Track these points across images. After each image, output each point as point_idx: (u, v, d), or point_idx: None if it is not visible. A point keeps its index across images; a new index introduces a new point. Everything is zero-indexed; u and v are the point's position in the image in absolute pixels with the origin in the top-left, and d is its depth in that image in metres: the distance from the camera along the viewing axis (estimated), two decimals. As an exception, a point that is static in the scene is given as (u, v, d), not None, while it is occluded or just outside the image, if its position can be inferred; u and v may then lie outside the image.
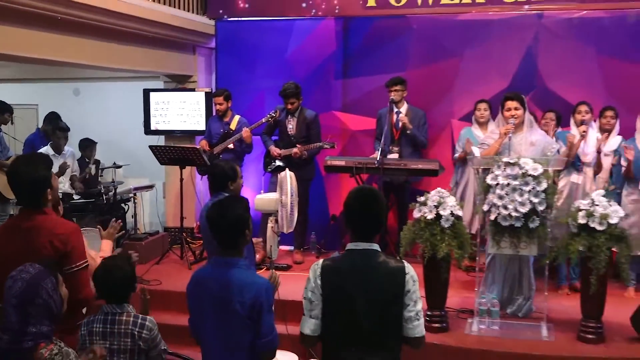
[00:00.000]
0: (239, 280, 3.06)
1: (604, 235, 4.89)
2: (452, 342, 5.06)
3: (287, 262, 7.14)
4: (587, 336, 5.03)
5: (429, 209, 5.18)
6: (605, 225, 4.89)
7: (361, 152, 7.59)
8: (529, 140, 5.50)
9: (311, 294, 2.96)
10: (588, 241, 4.91)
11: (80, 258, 3.38)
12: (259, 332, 3.05)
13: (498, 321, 5.27)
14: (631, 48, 7.23)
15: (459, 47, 7.63)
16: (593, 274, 4.89)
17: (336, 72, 7.98)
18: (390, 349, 2.95)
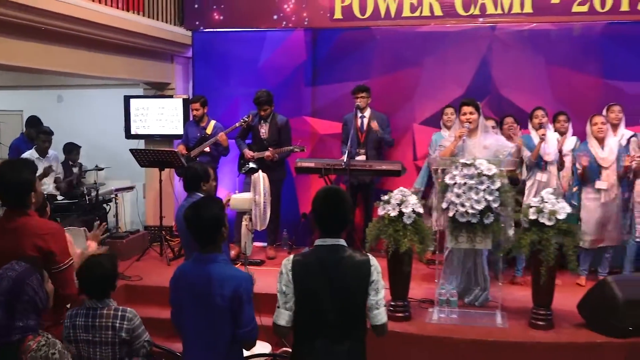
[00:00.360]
0: (219, 275, 3.05)
1: (553, 230, 4.94)
2: (414, 330, 5.05)
3: (261, 257, 7.10)
4: (538, 323, 5.06)
5: (392, 207, 5.18)
6: (554, 220, 4.93)
7: (329, 155, 7.59)
8: (483, 144, 5.53)
9: (285, 287, 2.96)
10: (538, 235, 4.95)
11: (65, 257, 3.36)
12: (240, 322, 3.04)
13: (456, 310, 5.29)
14: (577, 58, 7.32)
15: (419, 57, 7.65)
16: (543, 266, 4.93)
17: (306, 80, 7.97)
18: (356, 337, 2.97)
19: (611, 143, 6.17)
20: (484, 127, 5.67)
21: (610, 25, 7.23)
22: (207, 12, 8.14)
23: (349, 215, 3.07)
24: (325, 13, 7.80)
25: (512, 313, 5.30)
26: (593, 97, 7.09)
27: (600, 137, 6.16)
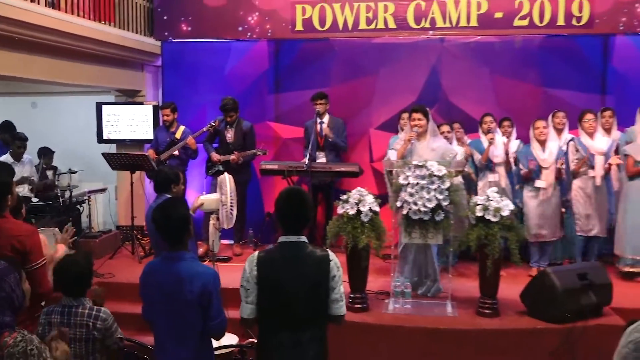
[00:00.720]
0: (188, 272, 3.02)
1: (498, 226, 5.00)
2: (372, 320, 5.08)
3: (228, 254, 7.06)
4: (485, 311, 5.13)
5: (350, 206, 5.19)
6: (498, 217, 5.00)
7: (292, 157, 7.58)
8: (431, 147, 5.59)
9: (246, 283, 2.95)
10: (484, 231, 5.01)
11: (39, 257, 3.32)
12: (209, 315, 3.02)
13: (410, 301, 5.32)
14: (518, 68, 7.47)
15: (374, 67, 7.71)
16: (489, 259, 5.00)
17: (269, 87, 7.96)
18: (317, 327, 2.97)
19: (551, 146, 6.29)
20: (433, 132, 5.72)
21: (547, 38, 7.40)
22: (176, 23, 8.06)
23: (310, 214, 3.06)
24: (287, 25, 7.79)
25: (461, 303, 5.36)
26: (533, 104, 7.27)
27: (541, 140, 6.27)
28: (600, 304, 5.04)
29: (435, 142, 5.66)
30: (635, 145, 6.14)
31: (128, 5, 7.87)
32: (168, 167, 5.57)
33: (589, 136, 6.35)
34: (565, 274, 5.06)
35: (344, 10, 7.63)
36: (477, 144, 6.52)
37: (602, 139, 6.38)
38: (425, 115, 5.64)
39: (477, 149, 6.47)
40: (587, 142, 6.33)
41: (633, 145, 6.16)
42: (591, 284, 5.01)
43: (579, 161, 6.27)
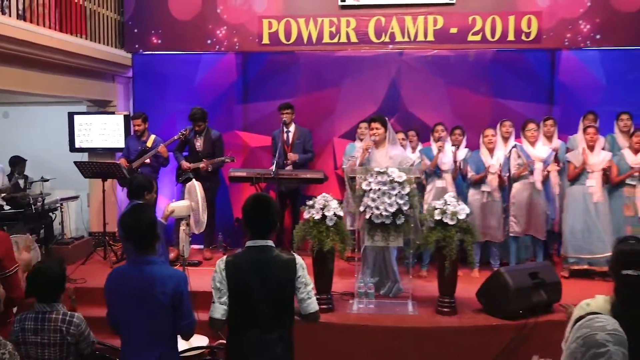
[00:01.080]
0: (160, 274, 2.97)
1: (455, 228, 5.05)
2: (337, 320, 5.06)
3: (198, 258, 6.98)
4: (444, 310, 5.17)
5: (316, 211, 5.19)
6: (455, 220, 5.06)
7: (259, 165, 7.52)
8: (389, 155, 5.59)
9: (219, 284, 2.92)
10: (442, 233, 5.05)
11: (12, 263, 3.24)
12: (180, 316, 2.97)
13: (374, 301, 5.33)
14: (471, 80, 7.55)
15: (338, 78, 7.70)
16: (447, 260, 5.05)
17: (237, 98, 7.89)
18: (284, 326, 2.96)
19: (498, 153, 6.39)
20: (392, 140, 5.73)
21: (499, 52, 7.51)
22: (146, 36, 7.95)
23: (276, 219, 3.06)
24: (254, 39, 7.75)
25: (422, 302, 5.38)
26: (484, 114, 7.34)
27: (490, 147, 6.37)
28: (551, 301, 5.12)
29: (393, 150, 5.67)
30: (576, 153, 6.27)
31: (99, 19, 7.73)
32: (142, 174, 5.48)
33: (530, 144, 6.45)
34: (517, 273, 5.13)
35: (309, 25, 7.64)
36: (427, 151, 6.58)
37: (543, 147, 6.47)
38: (384, 124, 5.65)
39: (427, 156, 6.52)
40: (528, 149, 6.42)
41: (574, 152, 6.31)
42: (542, 282, 5.09)
43: (520, 166, 6.37)
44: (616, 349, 2.07)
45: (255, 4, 7.75)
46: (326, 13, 7.62)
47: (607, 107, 7.09)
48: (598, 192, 6.12)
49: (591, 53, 7.43)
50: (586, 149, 6.16)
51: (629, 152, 6.21)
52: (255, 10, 7.74)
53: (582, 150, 6.15)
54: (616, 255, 2.64)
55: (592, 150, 6.17)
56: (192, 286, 4.06)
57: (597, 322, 2.14)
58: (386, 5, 7.54)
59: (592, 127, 6.27)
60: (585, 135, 6.22)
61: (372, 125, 5.65)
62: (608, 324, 2.12)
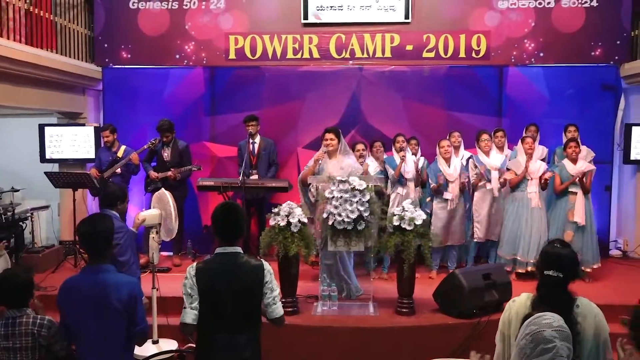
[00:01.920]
0: (114, 281, 2.91)
1: (412, 233, 5.10)
2: (302, 322, 5.05)
3: (168, 265, 6.87)
4: (403, 310, 5.20)
5: (281, 218, 5.17)
6: (413, 225, 5.10)
7: (227, 174, 7.45)
8: (340, 165, 5.62)
9: (190, 290, 2.90)
10: (401, 238, 5.10)
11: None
12: (134, 321, 2.92)
13: (337, 303, 5.34)
14: (426, 94, 7.64)
15: (301, 92, 7.69)
16: (405, 263, 5.08)
17: (205, 110, 7.82)
18: (252, 330, 2.95)
19: (455, 162, 6.49)
20: (344, 151, 5.76)
21: (451, 68, 7.62)
22: (116, 50, 7.81)
23: (244, 226, 3.06)
24: (221, 54, 7.71)
25: (382, 303, 5.40)
26: (439, 125, 7.43)
27: (446, 157, 6.47)
28: (501, 300, 5.20)
29: (344, 160, 5.69)
30: (516, 161, 6.39)
31: (70, 34, 7.56)
32: (115, 184, 5.37)
33: (485, 154, 6.57)
34: (471, 275, 5.19)
35: (273, 41, 7.63)
36: (390, 161, 6.63)
37: (496, 156, 6.60)
38: (337, 135, 5.69)
39: (391, 165, 6.56)
40: (483, 159, 6.54)
41: (514, 161, 6.42)
42: (494, 283, 5.17)
43: (477, 176, 6.48)
44: (562, 344, 2.12)
45: (222, 21, 7.70)
46: (290, 30, 7.63)
47: (550, 120, 7.33)
48: (536, 198, 6.24)
49: (535, 69, 7.62)
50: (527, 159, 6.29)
51: (569, 162, 6.39)
52: (222, 27, 7.70)
53: (527, 159, 6.28)
54: (541, 256, 2.70)
55: (531, 158, 6.30)
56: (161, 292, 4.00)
57: (544, 319, 2.18)
58: (346, 24, 7.58)
59: (529, 137, 6.43)
60: (524, 145, 6.34)
61: (327, 136, 5.69)
62: (554, 321, 2.17)
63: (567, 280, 2.58)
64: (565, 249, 2.66)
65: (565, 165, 6.36)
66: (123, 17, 7.77)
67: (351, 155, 5.98)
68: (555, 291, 2.56)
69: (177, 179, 6.88)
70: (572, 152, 6.32)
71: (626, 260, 7.36)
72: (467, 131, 6.98)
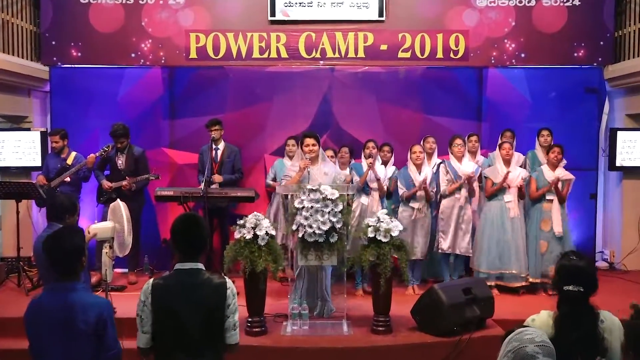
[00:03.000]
0: (82, 301, 2.87)
1: (388, 246, 5.12)
2: (270, 343, 5.00)
3: (123, 283, 6.76)
4: (379, 329, 5.19)
5: (247, 230, 5.14)
6: (389, 237, 5.12)
7: (187, 183, 7.36)
8: (323, 170, 5.66)
9: (142, 312, 2.88)
10: (376, 251, 5.10)
11: None
12: (106, 346, 2.88)
13: (308, 322, 5.30)
14: (401, 96, 7.72)
15: (268, 94, 7.69)
16: (381, 278, 5.09)
17: (164, 113, 7.72)
18: (214, 352, 2.93)
19: (426, 170, 6.56)
20: (323, 157, 5.82)
21: (428, 69, 7.71)
22: (65, 48, 7.68)
23: (206, 239, 3.02)
24: (181, 53, 7.65)
25: (356, 321, 5.38)
26: (415, 130, 7.51)
27: (417, 163, 6.54)
28: (484, 316, 5.25)
29: (325, 166, 5.75)
30: (494, 169, 6.51)
31: (13, 30, 7.42)
32: (65, 195, 5.25)
33: (457, 160, 6.63)
34: (451, 290, 5.23)
35: (238, 40, 7.61)
36: (357, 167, 6.67)
37: (469, 163, 6.67)
38: (318, 141, 5.72)
39: (357, 172, 6.60)
40: (456, 165, 6.60)
41: (492, 168, 6.54)
42: (475, 298, 5.21)
43: (452, 183, 6.53)
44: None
45: (182, 18, 7.65)
46: (255, 28, 7.62)
47: (532, 124, 7.45)
48: (515, 207, 6.35)
49: (517, 71, 7.76)
50: (503, 166, 6.39)
51: (547, 168, 6.53)
52: (182, 23, 7.65)
53: (506, 167, 6.38)
54: (558, 271, 2.74)
55: (508, 166, 6.42)
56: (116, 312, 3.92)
57: (526, 334, 2.22)
58: (316, 21, 7.61)
59: (507, 143, 6.56)
60: (501, 151, 6.48)
61: (307, 141, 5.67)
62: (537, 336, 2.20)
63: (588, 294, 2.64)
64: (583, 261, 2.71)
65: (544, 171, 6.50)
66: (73, 12, 7.63)
67: (329, 161, 5.99)
68: (578, 307, 2.60)
69: (133, 188, 6.79)
70: (554, 157, 6.46)
71: (613, 272, 7.52)
72: (445, 136, 6.98)
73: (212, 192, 6.65)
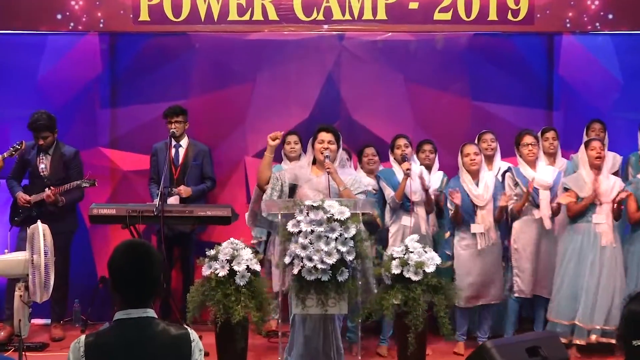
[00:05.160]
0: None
1: (421, 287, 5.10)
2: None
3: (43, 339, 6.76)
4: (408, 406, 5.19)
5: (220, 265, 5.18)
6: (421, 274, 5.10)
7: (136, 198, 7.37)
8: None
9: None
10: (403, 294, 5.11)
11: None
12: None
13: (305, 393, 5.28)
14: (440, 75, 7.74)
15: (250, 72, 7.74)
16: (410, 332, 5.06)
17: (102, 99, 7.76)
18: None
19: (486, 178, 6.48)
20: (342, 161, 5.70)
21: (477, 36, 7.72)
22: (-36, 8, 7.73)
23: (160, 277, 2.99)
24: (127, 13, 7.66)
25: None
26: (460, 122, 7.54)
27: (473, 170, 6.45)
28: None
29: (343, 174, 5.58)
30: (577, 177, 6.39)
31: None
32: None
33: (528, 165, 6.60)
34: (510, 349, 5.13)
35: (207, -5, 7.65)
36: (387, 175, 6.58)
37: (547, 169, 6.64)
38: (338, 138, 5.57)
39: (389, 182, 6.51)
40: (527, 172, 6.55)
41: (574, 176, 6.43)
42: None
43: (519, 198, 6.48)
44: None
45: (129, -37, 7.70)
46: (233, -22, 7.66)
47: (625, 113, 7.39)
48: (608, 232, 6.23)
49: (602, 39, 7.74)
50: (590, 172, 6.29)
51: None
52: (129, -27, 7.70)
53: (594, 174, 6.27)
54: (625, 318, 2.71)
55: (599, 172, 6.30)
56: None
57: None
58: (319, -31, 7.65)
59: (596, 141, 6.43)
60: (589, 152, 6.34)
61: (323, 136, 5.51)
62: None
63: None
64: None
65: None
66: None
67: (348, 167, 5.92)
68: None
69: (60, 203, 6.78)
70: None
71: None
72: (504, 132, 7.00)
73: (171, 211, 6.60)
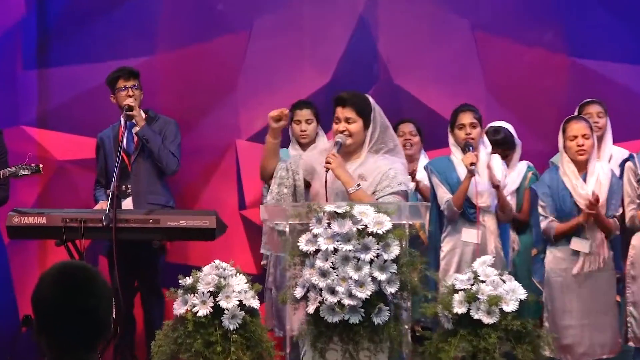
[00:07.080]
0: None
1: (496, 333, 5.11)
2: None
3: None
4: None
5: (200, 299, 5.14)
6: (497, 315, 5.12)
7: (77, 201, 7.51)
8: (357, 173, 5.60)
9: None
10: (471, 343, 5.15)
11: None
12: None
13: None
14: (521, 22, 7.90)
15: (243, 17, 7.93)
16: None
17: (26, 57, 7.95)
18: None
19: (599, 170, 6.48)
20: (378, 142, 5.70)
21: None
22: None
23: (109, 315, 2.87)
24: None
25: None
26: (553, 89, 7.65)
27: (581, 160, 6.42)
28: None
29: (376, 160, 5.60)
30: None
31: None
32: None
33: None
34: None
35: None
36: (442, 166, 6.57)
37: None
38: (361, 112, 5.57)
39: (445, 179, 6.49)
40: None
41: None
42: None
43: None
44: None
45: None
46: None
47: None
48: None
49: None
50: None
51: None
52: None
53: None
54: None
55: None
56: None
57: None
58: None
59: None
60: None
61: (338, 113, 5.59)
62: None
63: None
64: None
65: None
66: None
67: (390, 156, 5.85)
68: None
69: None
70: None
71: None
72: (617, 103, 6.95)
73: (127, 220, 6.53)
